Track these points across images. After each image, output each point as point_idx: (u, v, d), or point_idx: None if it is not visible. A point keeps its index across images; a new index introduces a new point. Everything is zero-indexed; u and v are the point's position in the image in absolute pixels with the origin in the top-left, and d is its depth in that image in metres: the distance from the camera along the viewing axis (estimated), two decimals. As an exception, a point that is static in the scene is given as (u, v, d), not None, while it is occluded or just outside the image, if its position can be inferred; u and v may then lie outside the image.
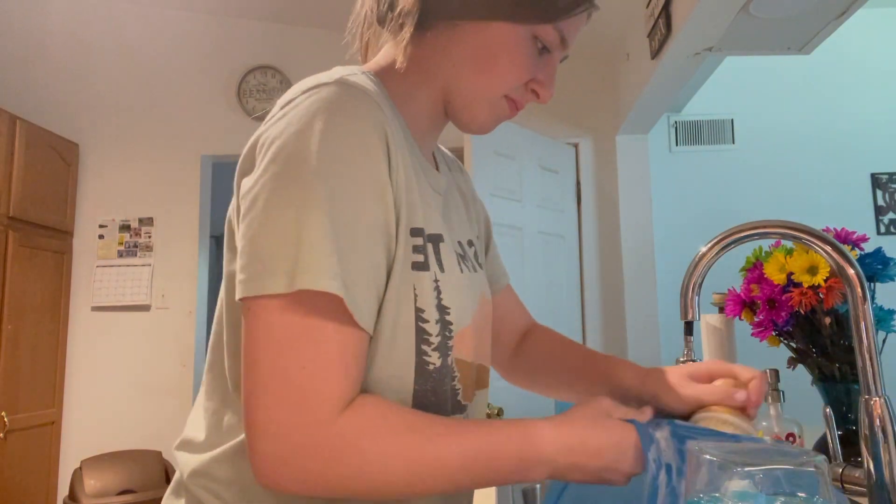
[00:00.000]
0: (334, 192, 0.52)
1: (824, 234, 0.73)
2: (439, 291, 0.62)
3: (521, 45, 0.64)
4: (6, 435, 2.86)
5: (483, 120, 0.68)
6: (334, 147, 0.53)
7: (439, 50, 0.65)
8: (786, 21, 2.04)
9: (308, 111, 0.55)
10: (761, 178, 3.39)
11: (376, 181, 0.55)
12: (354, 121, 0.55)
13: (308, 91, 0.57)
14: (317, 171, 0.52)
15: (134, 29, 3.62)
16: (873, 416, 0.69)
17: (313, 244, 0.51)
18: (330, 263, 0.51)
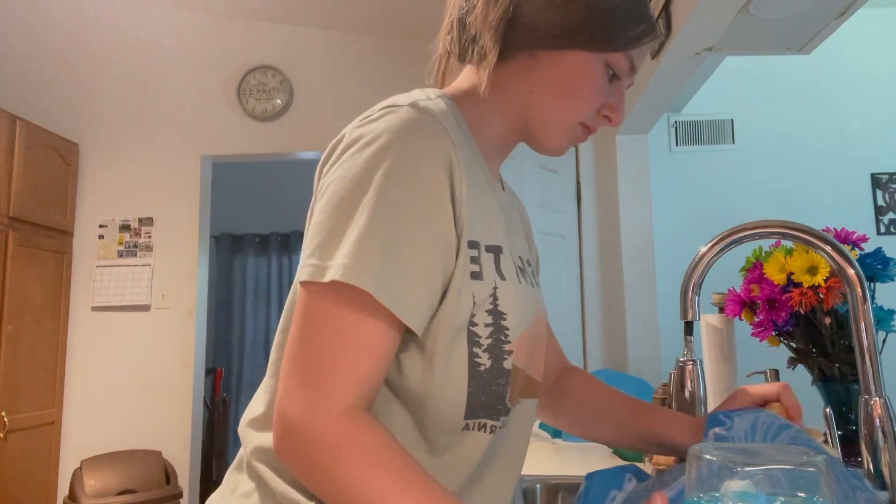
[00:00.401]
0: (389, 201, 0.57)
1: (824, 234, 0.73)
2: (496, 298, 0.65)
3: (595, 73, 0.69)
4: (6, 435, 2.86)
5: (559, 144, 0.73)
6: (397, 163, 0.59)
7: (518, 77, 0.70)
8: (786, 21, 2.04)
9: (379, 128, 0.61)
10: (761, 178, 3.39)
11: (433, 196, 0.60)
12: (419, 142, 0.60)
13: (384, 109, 0.63)
14: (377, 182, 0.58)
15: (134, 29, 3.62)
16: (873, 416, 0.69)
17: (356, 242, 0.56)
18: (367, 262, 0.55)
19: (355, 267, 0.55)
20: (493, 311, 0.65)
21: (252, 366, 5.12)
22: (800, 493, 0.44)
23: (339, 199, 0.58)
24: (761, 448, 0.50)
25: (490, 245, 0.66)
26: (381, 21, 3.33)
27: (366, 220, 0.57)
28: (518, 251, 0.76)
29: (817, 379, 1.03)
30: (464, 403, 0.63)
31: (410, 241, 0.58)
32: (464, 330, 0.62)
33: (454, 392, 0.62)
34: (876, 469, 0.68)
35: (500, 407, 0.66)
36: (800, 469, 0.44)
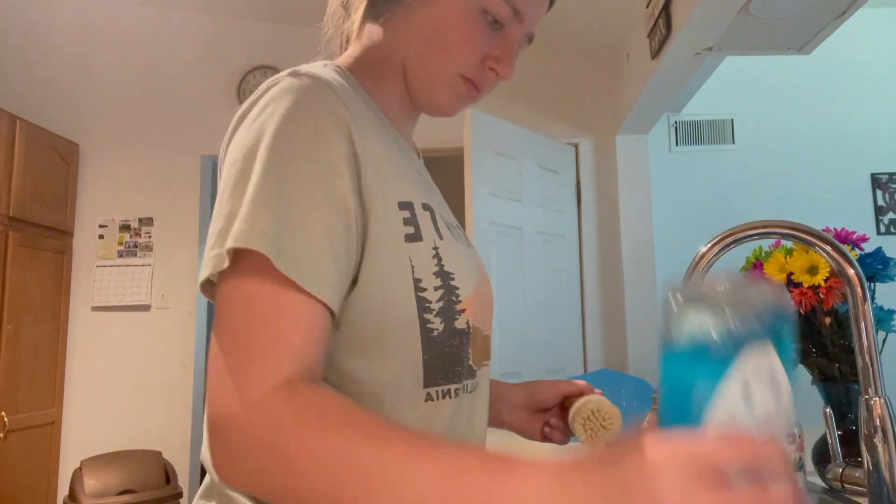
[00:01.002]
0: (282, 171, 0.52)
1: (824, 234, 0.73)
2: (440, 259, 0.61)
3: (469, 20, 0.64)
4: (6, 435, 2.86)
5: (442, 101, 0.68)
6: (284, 132, 0.54)
7: (395, 35, 0.67)
8: (786, 21, 2.04)
9: (263, 101, 0.57)
10: (761, 178, 3.39)
11: (334, 157, 0.55)
12: (307, 103, 0.56)
13: (266, 87, 0.59)
14: (267, 155, 0.53)
15: (134, 29, 3.62)
16: (873, 416, 0.69)
17: (249, 213, 0.51)
18: (262, 226, 0.50)
19: (248, 232, 0.49)
20: (440, 272, 0.61)
21: (252, 366, 5.11)
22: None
23: (230, 182, 0.53)
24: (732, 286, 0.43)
25: (424, 203, 0.63)
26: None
27: (255, 188, 0.51)
28: (444, 213, 0.71)
29: (817, 379, 1.03)
30: (420, 372, 0.59)
31: (305, 208, 0.52)
32: (411, 297, 0.58)
33: (410, 369, 0.58)
34: (876, 469, 0.68)
35: (460, 369, 0.63)
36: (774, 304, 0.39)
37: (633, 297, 3.23)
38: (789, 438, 0.64)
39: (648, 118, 3.12)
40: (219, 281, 0.52)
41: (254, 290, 0.50)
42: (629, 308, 3.23)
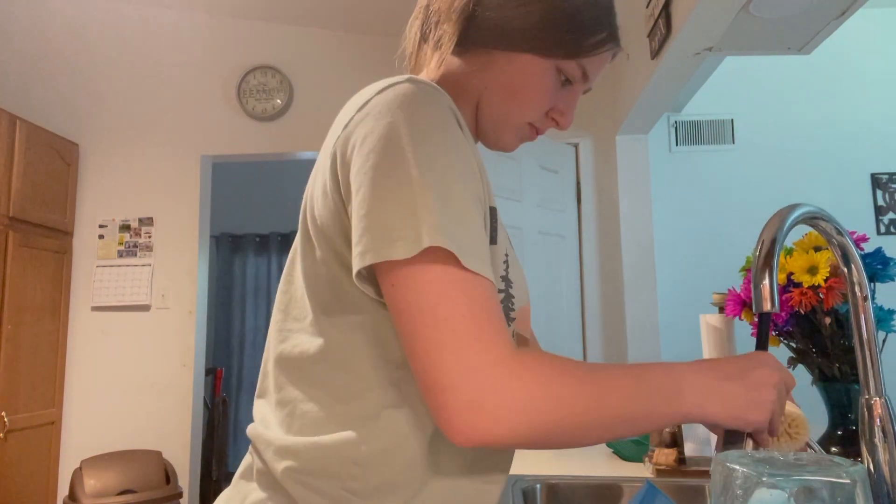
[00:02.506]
0: (434, 169, 0.56)
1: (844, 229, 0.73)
2: (508, 265, 0.66)
3: (545, 77, 0.70)
4: (6, 435, 2.86)
5: (507, 141, 0.74)
6: (423, 130, 0.57)
7: (474, 72, 0.71)
8: (786, 21, 2.04)
9: (391, 104, 0.59)
10: (761, 178, 3.39)
11: (468, 158, 0.60)
12: (437, 106, 0.60)
13: (383, 90, 0.61)
14: (415, 154, 0.56)
15: (134, 29, 3.62)
16: (873, 416, 0.69)
17: (431, 211, 0.54)
18: (445, 224, 0.53)
19: (441, 232, 0.53)
20: (506, 278, 0.65)
21: (252, 366, 5.12)
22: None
23: (384, 182, 0.56)
24: (789, 457, 0.48)
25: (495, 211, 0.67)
26: (381, 21, 3.33)
27: (425, 193, 0.54)
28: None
29: (817, 379, 1.03)
30: None
31: (465, 208, 0.56)
32: None
33: None
34: (876, 469, 0.68)
35: None
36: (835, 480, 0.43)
37: (633, 297, 3.23)
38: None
39: (648, 118, 3.12)
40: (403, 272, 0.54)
41: (458, 278, 0.53)
42: (629, 308, 3.23)
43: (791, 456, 0.49)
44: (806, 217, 0.72)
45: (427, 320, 0.52)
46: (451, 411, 0.51)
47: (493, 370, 0.51)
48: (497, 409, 0.50)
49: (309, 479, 0.60)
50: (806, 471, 0.44)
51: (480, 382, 0.50)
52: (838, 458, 0.48)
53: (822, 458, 0.47)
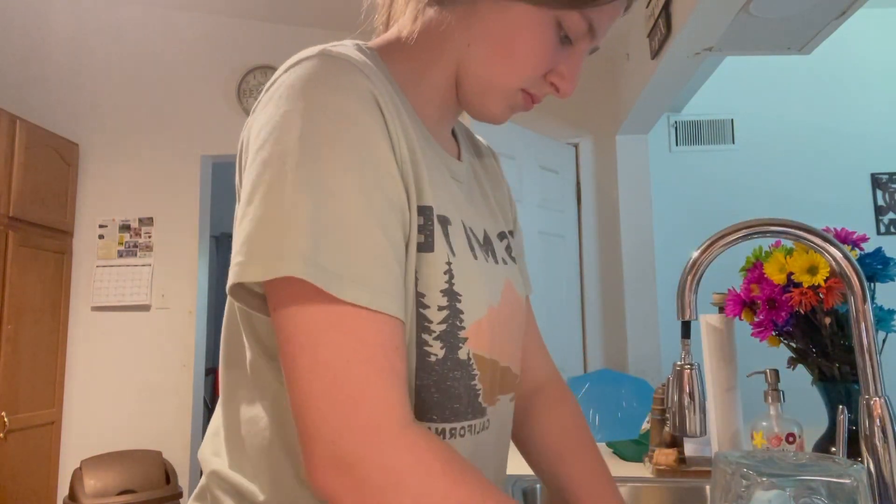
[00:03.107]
0: (324, 173, 0.48)
1: (818, 230, 0.73)
2: (451, 275, 0.56)
3: (542, 32, 0.58)
4: (6, 435, 2.86)
5: (495, 111, 0.63)
6: (321, 125, 0.49)
7: (455, 29, 0.60)
8: (786, 21, 2.04)
9: (291, 90, 0.51)
10: (761, 178, 3.39)
11: (373, 156, 0.50)
12: (340, 94, 0.50)
13: (290, 68, 0.53)
14: (305, 153, 0.48)
15: (134, 29, 3.62)
16: (873, 416, 0.69)
17: (297, 228, 0.46)
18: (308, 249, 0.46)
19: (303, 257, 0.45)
20: (448, 290, 0.55)
21: (252, 366, 5.11)
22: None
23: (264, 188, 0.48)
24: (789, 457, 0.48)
25: (440, 215, 0.57)
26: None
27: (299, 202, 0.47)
28: (480, 224, 0.66)
29: (817, 379, 1.03)
30: (413, 399, 0.54)
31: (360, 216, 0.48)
32: (412, 314, 0.53)
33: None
34: (876, 469, 0.68)
35: (458, 406, 0.57)
36: (835, 480, 0.43)
37: (633, 297, 3.23)
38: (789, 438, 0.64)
39: (648, 118, 3.12)
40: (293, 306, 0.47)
41: (347, 315, 0.46)
42: (629, 308, 3.23)
43: (791, 456, 0.49)
44: (765, 234, 0.74)
45: (306, 363, 0.46)
46: (317, 464, 0.45)
47: (375, 436, 0.44)
48: (363, 481, 0.44)
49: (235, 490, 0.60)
50: (806, 471, 0.44)
51: (355, 445, 0.44)
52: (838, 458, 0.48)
53: (822, 458, 0.47)
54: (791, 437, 0.96)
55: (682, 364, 0.78)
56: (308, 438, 0.45)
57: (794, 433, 0.98)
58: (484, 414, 0.61)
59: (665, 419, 1.29)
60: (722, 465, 0.46)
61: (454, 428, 0.57)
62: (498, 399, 0.63)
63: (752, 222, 0.76)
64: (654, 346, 3.19)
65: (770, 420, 0.99)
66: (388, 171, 0.51)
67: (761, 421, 1.01)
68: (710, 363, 1.13)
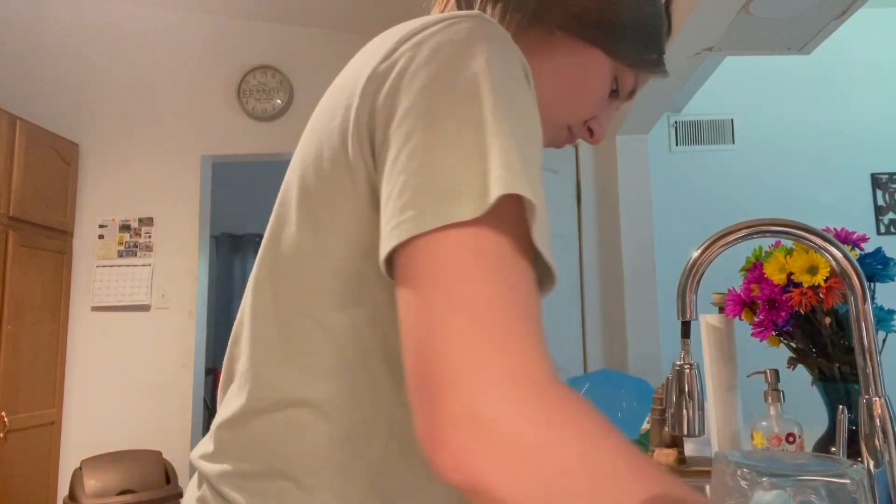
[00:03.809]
0: (512, 109, 0.45)
1: (818, 230, 0.73)
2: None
3: (603, 79, 0.64)
4: (6, 435, 2.86)
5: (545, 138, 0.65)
6: (502, 67, 0.47)
7: (530, 53, 0.61)
8: (786, 21, 2.04)
9: (460, 35, 0.48)
10: (761, 178, 3.39)
11: (538, 125, 0.49)
12: (510, 49, 0.49)
13: (445, 21, 0.50)
14: (492, 88, 0.44)
15: (134, 29, 3.62)
16: (873, 416, 0.69)
17: (506, 150, 0.42)
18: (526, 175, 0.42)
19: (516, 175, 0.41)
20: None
21: (252, 366, 5.12)
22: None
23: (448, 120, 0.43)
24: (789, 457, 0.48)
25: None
26: (382, 21, 3.33)
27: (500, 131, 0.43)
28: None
29: (817, 379, 1.03)
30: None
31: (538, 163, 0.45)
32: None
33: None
34: (876, 469, 0.68)
35: None
36: (835, 480, 0.43)
37: (633, 297, 3.23)
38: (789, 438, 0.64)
39: (648, 118, 3.12)
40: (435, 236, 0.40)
41: (498, 253, 0.40)
42: (629, 308, 3.23)
43: (791, 456, 0.49)
44: (763, 234, 0.74)
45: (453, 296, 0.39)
46: (445, 421, 0.36)
47: (522, 388, 0.36)
48: (508, 439, 0.35)
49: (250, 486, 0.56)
50: (806, 471, 0.44)
51: (500, 397, 0.36)
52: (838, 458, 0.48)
53: (822, 458, 0.47)
54: (791, 437, 0.96)
55: (682, 364, 0.78)
56: (434, 391, 0.37)
57: (794, 433, 0.98)
58: None
59: (665, 419, 1.29)
60: (722, 465, 0.46)
61: None
62: None
63: (753, 222, 0.76)
64: (654, 346, 3.19)
65: (770, 420, 0.99)
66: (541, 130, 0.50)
67: (761, 421, 1.00)
68: (710, 363, 1.13)
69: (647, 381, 2.67)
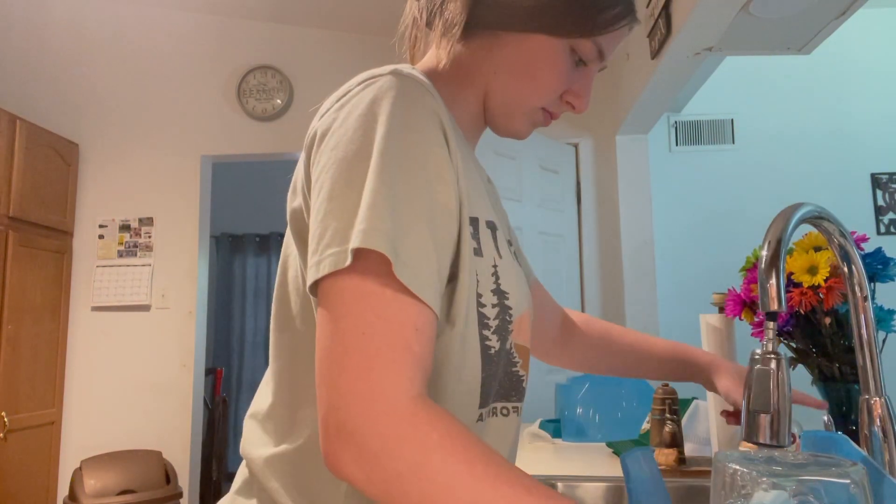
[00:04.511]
0: (398, 172, 0.52)
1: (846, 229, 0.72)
2: (497, 276, 0.63)
3: (558, 58, 0.66)
4: (6, 435, 2.86)
5: (519, 127, 0.71)
6: (397, 130, 0.54)
7: (481, 57, 0.67)
8: (786, 21, 2.04)
9: (367, 98, 0.56)
10: (761, 178, 3.39)
11: (440, 163, 0.56)
12: (414, 106, 0.56)
13: (364, 82, 0.59)
14: (381, 152, 0.52)
15: (134, 29, 3.62)
16: (873, 416, 0.69)
17: (370, 214, 0.49)
18: (383, 228, 0.49)
19: (371, 231, 0.49)
20: (497, 290, 0.62)
21: (252, 366, 5.12)
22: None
23: (342, 183, 0.52)
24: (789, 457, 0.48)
25: (489, 221, 0.64)
26: (381, 21, 3.33)
27: (372, 191, 0.50)
28: (506, 229, 0.75)
29: (817, 379, 1.03)
30: (478, 391, 0.60)
31: (421, 214, 0.52)
32: (473, 311, 0.59)
33: (468, 380, 0.59)
34: (876, 469, 0.68)
35: (516, 392, 0.66)
36: (835, 480, 0.43)
37: (633, 297, 3.23)
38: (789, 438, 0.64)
39: (648, 118, 3.12)
40: (329, 280, 0.50)
41: (375, 292, 0.49)
42: (629, 308, 3.23)
43: (791, 456, 0.49)
44: (809, 217, 0.72)
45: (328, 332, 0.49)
46: (324, 432, 0.47)
47: (374, 406, 0.45)
48: (358, 449, 0.45)
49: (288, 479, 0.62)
50: (806, 471, 0.44)
51: (354, 413, 0.45)
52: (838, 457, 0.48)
53: (822, 458, 0.47)
54: (791, 438, 0.96)
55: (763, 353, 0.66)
56: (322, 406, 0.47)
57: (795, 433, 0.98)
58: (523, 396, 0.69)
59: (665, 419, 1.29)
60: (722, 465, 0.46)
61: (497, 408, 0.65)
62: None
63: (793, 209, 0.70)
64: (654, 346, 3.18)
65: (770, 420, 0.99)
66: (446, 178, 0.56)
67: (761, 421, 1.00)
68: (710, 363, 1.13)
69: (647, 381, 2.67)
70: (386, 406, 0.45)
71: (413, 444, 0.45)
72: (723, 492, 0.45)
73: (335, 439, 0.46)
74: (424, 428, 0.45)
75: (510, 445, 0.68)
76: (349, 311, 0.49)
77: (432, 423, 0.46)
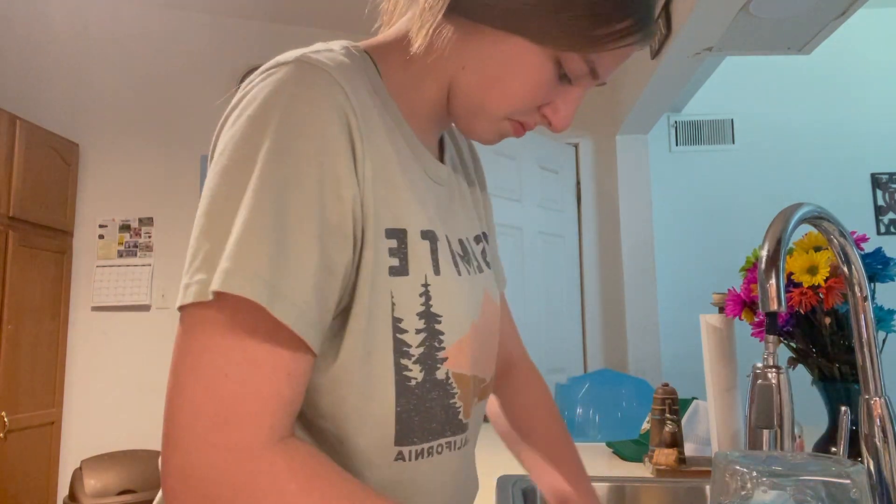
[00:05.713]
0: (283, 190, 0.46)
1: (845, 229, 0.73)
2: (429, 297, 0.55)
3: (535, 69, 0.55)
4: (6, 435, 2.86)
5: (481, 133, 0.61)
6: (287, 139, 0.48)
7: (454, 46, 0.57)
8: (786, 21, 2.04)
9: (262, 95, 0.50)
10: (761, 178, 3.39)
11: (336, 177, 0.49)
12: (313, 105, 0.49)
13: (265, 72, 0.52)
14: (265, 165, 0.47)
15: (134, 29, 3.62)
16: (873, 416, 0.69)
17: (241, 250, 0.45)
18: (256, 267, 0.44)
19: (243, 274, 0.44)
20: (426, 313, 0.55)
21: (252, 366, 5.12)
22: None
23: (219, 197, 0.47)
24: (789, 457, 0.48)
25: (425, 231, 0.56)
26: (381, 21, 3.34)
27: (249, 215, 0.45)
28: (460, 232, 0.65)
29: (817, 379, 1.03)
30: (392, 425, 0.54)
31: (303, 238, 0.46)
32: (388, 337, 0.53)
33: (378, 415, 0.53)
34: (876, 469, 0.68)
35: (437, 426, 0.57)
36: (835, 480, 0.43)
37: (633, 297, 3.23)
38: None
39: (648, 118, 3.12)
40: (195, 307, 0.45)
41: (244, 328, 0.45)
42: (629, 308, 3.23)
43: (791, 456, 0.49)
44: (809, 217, 0.72)
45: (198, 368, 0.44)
46: (170, 472, 0.43)
47: (228, 456, 0.43)
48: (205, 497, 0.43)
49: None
50: (806, 471, 0.44)
51: (206, 461, 0.43)
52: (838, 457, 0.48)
53: (822, 458, 0.47)
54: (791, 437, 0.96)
55: (765, 365, 0.66)
56: (166, 441, 0.44)
57: (794, 433, 0.98)
58: (465, 430, 0.61)
59: (665, 419, 1.29)
60: (722, 465, 0.46)
61: (432, 447, 0.57)
62: (473, 409, 0.63)
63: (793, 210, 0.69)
64: (654, 346, 3.19)
65: (770, 420, 0.99)
66: (341, 194, 0.49)
67: (761, 421, 1.00)
68: (710, 363, 1.13)
69: (646, 381, 2.67)
70: (240, 456, 0.43)
71: (269, 498, 0.43)
72: (723, 491, 0.46)
73: (179, 482, 0.43)
74: (283, 477, 0.43)
75: (454, 486, 0.62)
76: (214, 344, 0.44)
77: (293, 471, 0.44)
